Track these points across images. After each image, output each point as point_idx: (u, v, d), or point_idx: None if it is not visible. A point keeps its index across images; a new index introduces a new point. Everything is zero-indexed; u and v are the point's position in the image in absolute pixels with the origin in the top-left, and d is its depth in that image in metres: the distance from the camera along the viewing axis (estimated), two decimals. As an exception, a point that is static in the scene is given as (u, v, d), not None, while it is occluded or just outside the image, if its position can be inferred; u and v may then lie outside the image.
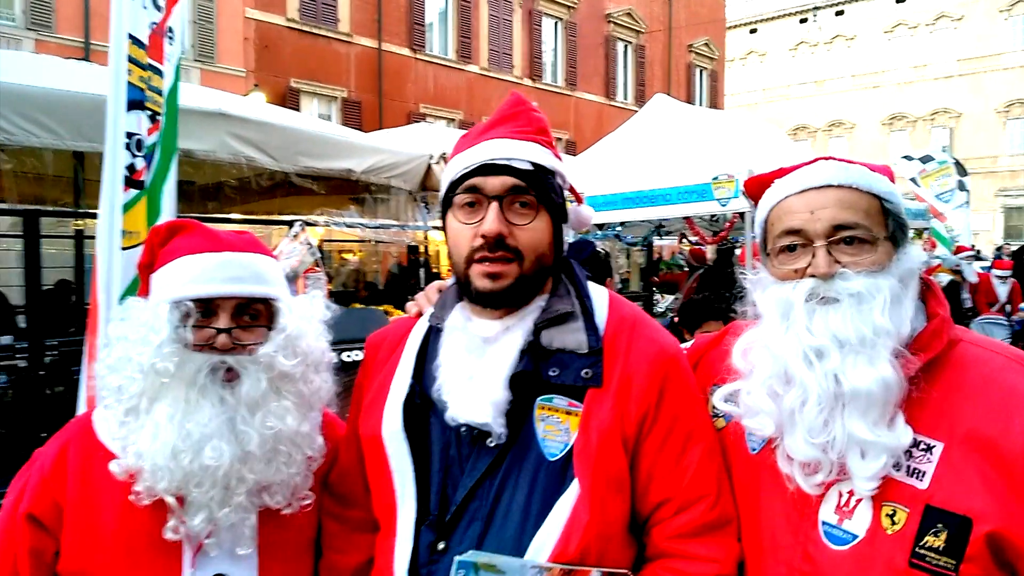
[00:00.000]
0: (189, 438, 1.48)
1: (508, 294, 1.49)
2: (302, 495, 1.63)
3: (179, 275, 1.58)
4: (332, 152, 6.41)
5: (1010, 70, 43.10)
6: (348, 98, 20.64)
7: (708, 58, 32.58)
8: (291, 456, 1.59)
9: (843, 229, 1.39)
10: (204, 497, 1.50)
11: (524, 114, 1.60)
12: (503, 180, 1.48)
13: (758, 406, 1.43)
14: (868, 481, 1.32)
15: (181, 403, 1.51)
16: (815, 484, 1.38)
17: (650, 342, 1.54)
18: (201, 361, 1.53)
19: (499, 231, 1.45)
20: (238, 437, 1.52)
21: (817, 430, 1.35)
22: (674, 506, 1.47)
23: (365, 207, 7.94)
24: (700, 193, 6.94)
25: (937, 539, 1.25)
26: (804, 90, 50.99)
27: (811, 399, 1.35)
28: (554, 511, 1.41)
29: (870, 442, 1.31)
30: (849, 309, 1.34)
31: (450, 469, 1.50)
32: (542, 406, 1.47)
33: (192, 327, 1.53)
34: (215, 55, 17.67)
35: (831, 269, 1.37)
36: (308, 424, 1.63)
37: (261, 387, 1.54)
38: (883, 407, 1.31)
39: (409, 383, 1.58)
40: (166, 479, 1.48)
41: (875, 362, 1.31)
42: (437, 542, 1.46)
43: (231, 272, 1.58)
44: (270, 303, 1.63)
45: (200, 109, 5.43)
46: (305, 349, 1.63)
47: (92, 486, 1.56)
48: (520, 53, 25.01)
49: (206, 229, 1.67)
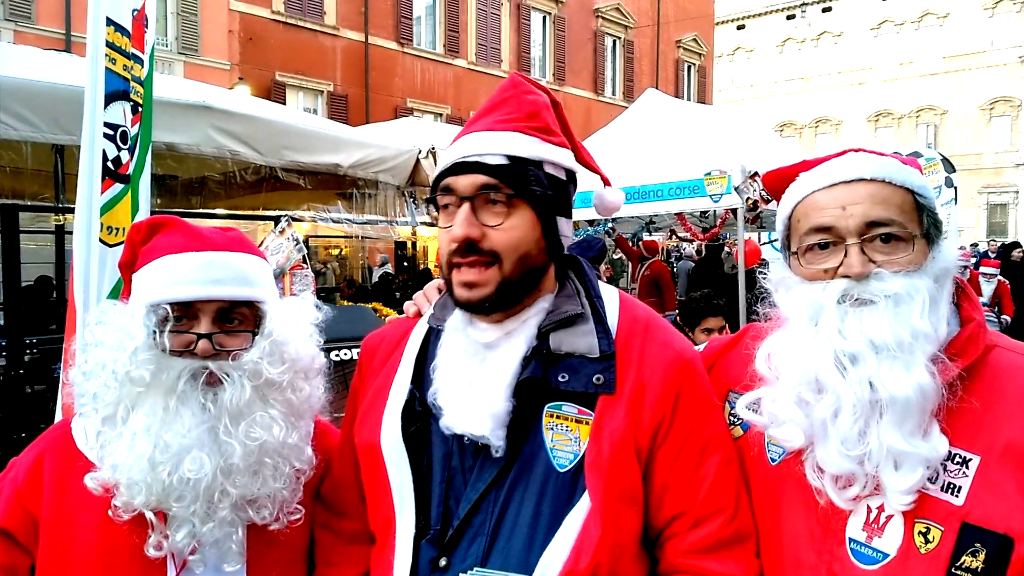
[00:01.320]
0: (167, 450, 1.39)
1: (489, 302, 1.39)
2: (291, 509, 1.54)
3: (158, 276, 1.49)
4: (319, 146, 6.31)
5: (994, 68, 43.44)
6: (334, 92, 20.47)
7: (696, 54, 32.58)
8: (277, 469, 1.50)
9: (877, 226, 1.30)
10: (186, 512, 1.41)
11: (513, 99, 1.48)
12: (472, 179, 1.38)
13: (785, 415, 1.34)
14: (903, 495, 1.23)
15: (159, 412, 1.41)
16: (848, 499, 1.29)
17: (665, 346, 1.45)
18: (181, 367, 1.43)
19: (467, 234, 1.35)
20: (220, 448, 1.43)
21: (852, 441, 1.26)
22: (689, 520, 1.39)
23: (352, 202, 7.85)
24: (692, 189, 6.90)
25: (975, 560, 1.17)
26: (791, 87, 51.17)
27: (845, 408, 1.26)
28: (564, 525, 1.33)
29: (906, 453, 1.22)
30: (886, 311, 1.26)
31: (452, 480, 1.41)
32: (550, 414, 1.39)
33: (171, 332, 1.44)
34: (199, 48, 17.46)
35: (865, 269, 1.28)
36: (296, 435, 1.54)
37: (245, 395, 1.45)
38: (920, 416, 1.23)
39: (408, 388, 1.49)
40: (143, 494, 1.39)
41: (912, 368, 1.23)
42: (439, 558, 1.37)
43: (213, 273, 1.49)
44: (255, 306, 1.54)
45: (184, 102, 5.33)
46: (293, 355, 1.53)
47: (69, 499, 1.47)
48: (508, 47, 24.90)
49: (188, 226, 1.57)
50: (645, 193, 7.27)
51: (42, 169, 5.58)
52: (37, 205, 6.44)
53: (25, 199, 6.23)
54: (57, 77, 4.62)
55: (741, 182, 6.29)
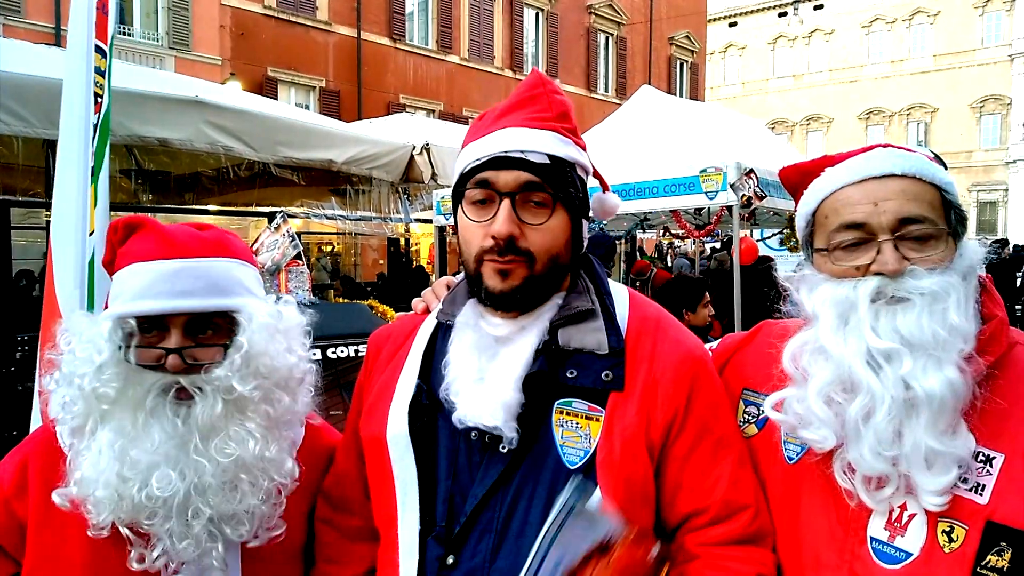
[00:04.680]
0: (135, 466, 1.33)
1: (519, 294, 1.38)
2: (270, 525, 1.47)
3: (126, 287, 1.42)
4: (313, 142, 6.27)
5: (984, 66, 43.69)
6: (326, 88, 20.38)
7: (689, 51, 32.61)
8: (255, 484, 1.43)
9: (910, 223, 1.27)
10: (159, 529, 1.36)
11: (543, 97, 1.46)
12: (516, 175, 1.36)
13: (815, 416, 1.31)
14: (937, 496, 1.21)
15: (127, 427, 1.36)
16: (881, 500, 1.27)
17: (676, 343, 1.44)
18: (151, 381, 1.37)
19: (510, 232, 1.34)
20: (192, 465, 1.37)
21: (887, 442, 1.23)
22: (708, 517, 1.37)
23: (346, 199, 7.81)
24: (688, 186, 6.86)
25: (1000, 559, 1.15)
26: (782, 84, 51.32)
27: (881, 407, 1.23)
28: None
29: (939, 452, 1.20)
30: (923, 309, 1.23)
31: (458, 476, 1.39)
32: (560, 410, 1.37)
33: (138, 347, 1.37)
34: (190, 43, 17.34)
35: (900, 266, 1.25)
36: (275, 447, 1.46)
37: (216, 410, 1.38)
38: (953, 413, 1.21)
39: (416, 383, 1.46)
40: (107, 510, 1.34)
41: (943, 365, 1.21)
42: (446, 556, 1.35)
43: (182, 284, 1.40)
44: (230, 314, 1.46)
45: (177, 97, 5.29)
46: (268, 367, 1.44)
47: (56, 505, 1.41)
48: (501, 44, 24.85)
49: (160, 230, 1.48)
50: (640, 190, 7.23)
51: (33, 165, 5.53)
52: (27, 201, 6.38)
53: (16, 195, 6.16)
54: (48, 71, 4.56)
55: (736, 179, 6.26)
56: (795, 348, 1.37)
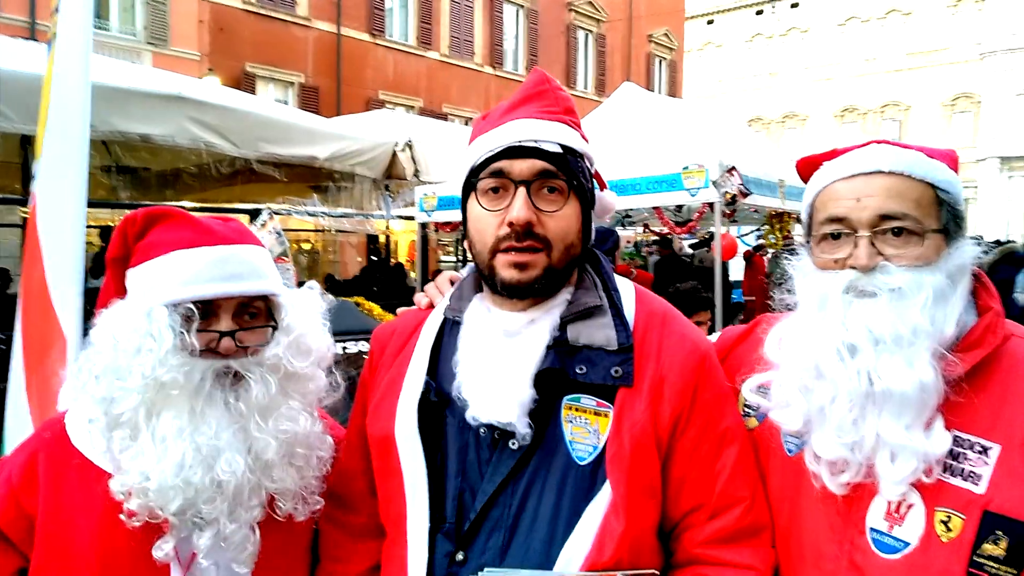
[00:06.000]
0: (199, 452, 1.35)
1: (535, 286, 1.40)
2: (313, 500, 1.52)
3: (172, 273, 1.43)
4: (295, 138, 6.24)
5: (956, 64, 44.25)
6: (305, 83, 20.21)
7: (667, 48, 32.73)
8: (308, 459, 1.49)
9: (889, 219, 1.31)
10: (215, 512, 1.38)
11: (551, 92, 1.50)
12: (531, 163, 1.39)
13: (788, 399, 1.37)
14: (896, 486, 1.26)
15: (186, 415, 1.37)
16: (841, 484, 1.32)
17: (683, 338, 1.46)
18: (205, 367, 1.39)
19: (528, 218, 1.36)
20: (253, 446, 1.40)
21: (846, 429, 1.29)
22: (707, 511, 1.39)
23: (327, 195, 7.76)
24: (670, 183, 6.89)
25: (997, 547, 1.19)
26: (759, 82, 51.64)
27: (841, 396, 1.29)
28: (584, 518, 1.33)
29: (900, 446, 1.25)
30: (887, 304, 1.28)
31: (467, 473, 1.40)
32: (569, 406, 1.38)
33: (196, 332, 1.39)
34: (168, 38, 17.11)
35: (872, 261, 1.30)
36: (320, 424, 1.54)
37: (271, 390, 1.43)
38: (919, 410, 1.25)
39: (424, 379, 1.47)
40: (179, 497, 1.34)
41: (913, 363, 1.25)
42: (456, 552, 1.36)
43: (231, 268, 1.45)
44: (269, 298, 1.51)
45: (157, 92, 5.23)
46: (313, 346, 1.52)
47: (67, 498, 1.42)
48: (481, 40, 24.78)
49: (192, 219, 1.52)
50: (623, 187, 7.25)
51: (10, 161, 5.44)
52: (5, 198, 6.28)
53: (-8, 191, 6.07)
54: (25, 66, 4.49)
55: (718, 176, 6.30)
56: (779, 334, 1.43)
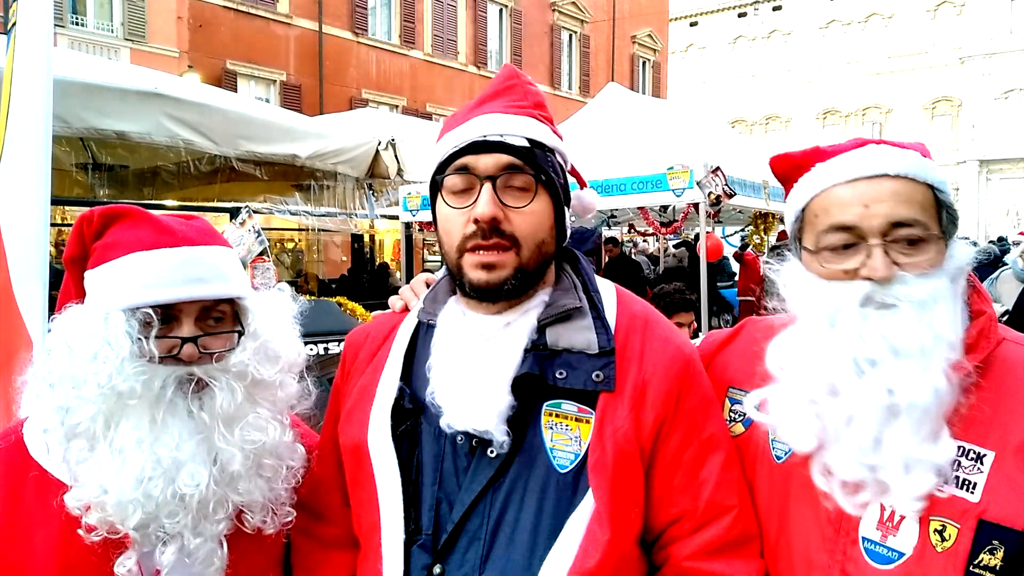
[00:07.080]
0: (159, 464, 1.28)
1: (505, 287, 1.34)
2: (284, 512, 1.46)
3: (131, 277, 1.35)
4: (276, 136, 6.15)
5: (936, 68, 44.73)
6: (287, 82, 20.05)
7: (651, 49, 32.82)
8: (277, 470, 1.42)
9: (901, 227, 1.24)
10: (178, 527, 1.31)
11: (519, 87, 1.46)
12: (496, 158, 1.34)
13: (795, 417, 1.30)
14: (914, 501, 1.21)
15: (146, 425, 1.30)
16: (858, 504, 1.26)
17: (666, 342, 1.41)
18: (166, 375, 1.32)
19: (493, 214, 1.30)
20: (218, 457, 1.33)
21: (868, 449, 1.22)
22: (694, 521, 1.35)
23: (310, 194, 7.68)
24: (655, 183, 6.89)
25: (993, 557, 1.15)
26: (742, 84, 51.93)
27: (861, 413, 1.22)
28: (567, 528, 1.27)
29: (917, 459, 1.19)
30: (910, 316, 1.21)
31: (444, 483, 1.34)
32: (549, 412, 1.33)
33: (156, 338, 1.32)
34: (146, 34, 16.92)
35: (890, 272, 1.23)
36: (289, 433, 1.47)
37: (237, 399, 1.36)
38: (937, 420, 1.20)
39: (398, 385, 1.42)
40: (138, 512, 1.28)
41: (928, 371, 1.19)
42: (433, 565, 1.30)
43: (193, 271, 1.37)
44: (234, 302, 1.44)
45: (134, 89, 5.14)
46: (280, 352, 1.45)
47: (23, 511, 1.35)
48: (465, 39, 24.71)
49: (152, 218, 1.43)
50: (608, 187, 7.25)
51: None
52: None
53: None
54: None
55: (703, 176, 6.30)
56: (779, 348, 1.36)
